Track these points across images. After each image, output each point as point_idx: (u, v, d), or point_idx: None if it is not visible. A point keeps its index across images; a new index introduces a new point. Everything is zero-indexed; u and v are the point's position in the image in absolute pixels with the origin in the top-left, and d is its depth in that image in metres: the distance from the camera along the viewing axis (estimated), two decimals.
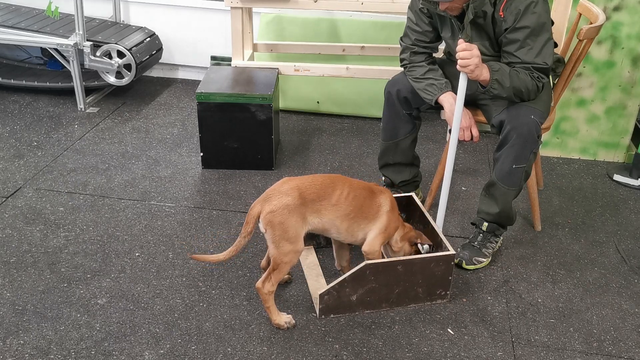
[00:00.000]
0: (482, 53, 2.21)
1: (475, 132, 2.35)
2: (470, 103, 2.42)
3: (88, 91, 3.78)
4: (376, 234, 2.12)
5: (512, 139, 2.21)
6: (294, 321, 2.07)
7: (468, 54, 2.05)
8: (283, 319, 2.05)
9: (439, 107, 2.40)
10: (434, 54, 2.49)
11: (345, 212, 2.06)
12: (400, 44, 2.48)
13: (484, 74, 2.11)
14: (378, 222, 2.12)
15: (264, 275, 2.02)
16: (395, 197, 2.47)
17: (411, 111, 2.52)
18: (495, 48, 2.28)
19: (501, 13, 2.12)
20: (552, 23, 2.27)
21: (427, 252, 2.27)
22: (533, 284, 2.34)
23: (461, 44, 2.07)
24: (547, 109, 2.34)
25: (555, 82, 2.49)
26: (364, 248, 2.13)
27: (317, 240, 2.46)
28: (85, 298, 2.16)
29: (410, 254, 2.19)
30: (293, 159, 3.19)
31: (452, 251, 2.14)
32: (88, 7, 3.74)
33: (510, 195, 2.33)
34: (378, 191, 2.17)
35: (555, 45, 2.30)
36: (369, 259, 2.12)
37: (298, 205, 1.97)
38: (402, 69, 2.51)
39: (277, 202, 1.96)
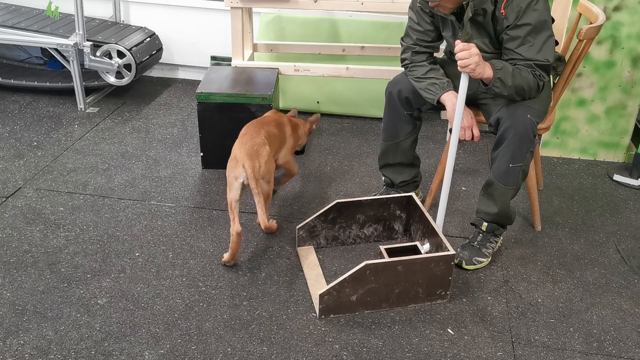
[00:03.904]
0: (482, 50, 2.21)
1: (476, 132, 2.35)
2: (471, 103, 2.42)
3: (88, 91, 3.78)
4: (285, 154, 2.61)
5: (508, 138, 2.21)
6: (276, 226, 2.50)
7: (466, 54, 2.05)
8: (274, 227, 2.45)
9: (440, 107, 2.41)
10: (435, 54, 2.50)
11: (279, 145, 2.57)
12: (402, 44, 2.48)
13: (487, 71, 2.10)
14: None
15: (264, 215, 2.28)
16: (396, 197, 2.48)
17: (412, 112, 2.52)
18: (495, 46, 2.28)
19: (502, 11, 2.12)
20: (553, 20, 2.27)
21: (427, 252, 2.28)
22: (533, 284, 2.34)
23: (458, 45, 2.07)
24: (545, 109, 2.34)
25: (556, 82, 2.49)
26: (279, 161, 2.60)
27: (317, 240, 2.47)
28: (85, 298, 2.16)
29: None
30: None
31: (452, 251, 2.14)
32: (88, 7, 3.74)
33: (509, 194, 2.33)
34: (282, 119, 2.64)
35: (556, 43, 2.30)
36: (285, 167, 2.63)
37: (270, 151, 2.40)
38: (402, 69, 2.51)
39: (265, 152, 2.35)
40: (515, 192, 2.35)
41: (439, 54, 2.59)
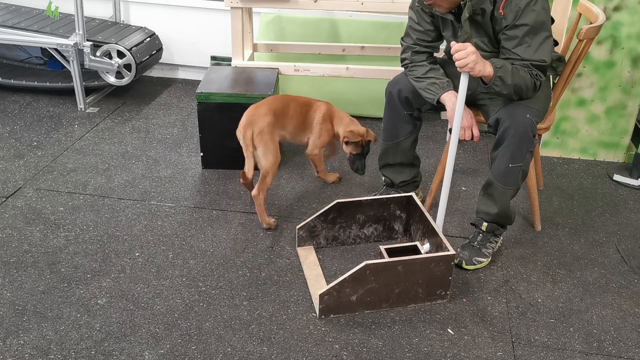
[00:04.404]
0: (480, 49, 2.22)
1: (475, 132, 2.35)
2: (470, 103, 2.42)
3: (88, 91, 3.78)
4: (313, 141, 2.75)
5: (507, 138, 2.22)
6: (275, 224, 2.58)
7: (463, 54, 2.05)
8: (269, 220, 2.57)
9: (440, 107, 2.40)
10: (435, 54, 2.50)
11: (296, 124, 2.69)
12: (402, 44, 2.48)
13: (487, 69, 2.10)
14: (314, 131, 2.74)
15: (257, 186, 2.53)
16: (396, 197, 2.48)
17: (412, 112, 2.52)
18: (494, 45, 2.28)
19: (501, 11, 2.12)
20: (553, 21, 2.26)
21: (427, 252, 2.28)
22: (533, 284, 2.34)
23: (454, 46, 2.07)
24: (544, 109, 2.34)
25: (556, 82, 2.49)
26: (306, 151, 2.80)
27: (317, 240, 2.47)
28: (85, 298, 2.16)
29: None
30: (293, 159, 3.19)
31: (452, 251, 2.14)
32: (88, 7, 3.74)
33: (508, 194, 2.33)
34: (316, 105, 2.75)
35: (556, 43, 2.30)
36: (310, 159, 2.81)
37: (271, 129, 2.55)
38: (402, 69, 2.51)
39: (262, 123, 2.52)
40: (515, 192, 2.35)
41: (439, 54, 2.59)
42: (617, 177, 3.12)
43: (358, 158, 2.75)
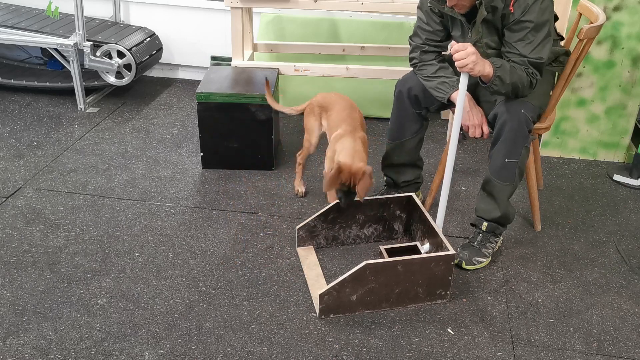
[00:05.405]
0: (491, 47, 2.24)
1: (485, 130, 2.36)
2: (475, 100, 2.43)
3: (88, 91, 3.78)
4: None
5: (504, 134, 2.24)
6: (304, 192, 2.80)
7: (463, 54, 2.06)
8: (298, 187, 2.80)
9: (450, 105, 2.41)
10: (443, 53, 2.50)
11: (329, 129, 2.63)
12: (410, 43, 2.48)
13: (487, 68, 2.11)
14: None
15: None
16: (396, 197, 2.48)
17: (420, 110, 2.52)
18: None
19: (511, 8, 2.14)
20: (557, 19, 2.27)
21: (427, 252, 2.28)
22: (533, 284, 2.34)
23: (454, 46, 2.07)
24: (541, 104, 2.35)
25: (559, 74, 2.49)
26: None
27: (317, 240, 2.47)
28: (85, 298, 2.16)
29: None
30: (293, 159, 3.19)
31: (452, 251, 2.14)
32: (88, 7, 3.74)
33: (506, 191, 2.34)
34: (341, 133, 2.52)
35: (562, 38, 2.30)
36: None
37: (315, 107, 2.68)
38: (403, 68, 2.51)
39: (313, 100, 2.71)
40: (513, 189, 2.35)
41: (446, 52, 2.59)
42: (617, 177, 3.12)
43: (344, 193, 2.34)
